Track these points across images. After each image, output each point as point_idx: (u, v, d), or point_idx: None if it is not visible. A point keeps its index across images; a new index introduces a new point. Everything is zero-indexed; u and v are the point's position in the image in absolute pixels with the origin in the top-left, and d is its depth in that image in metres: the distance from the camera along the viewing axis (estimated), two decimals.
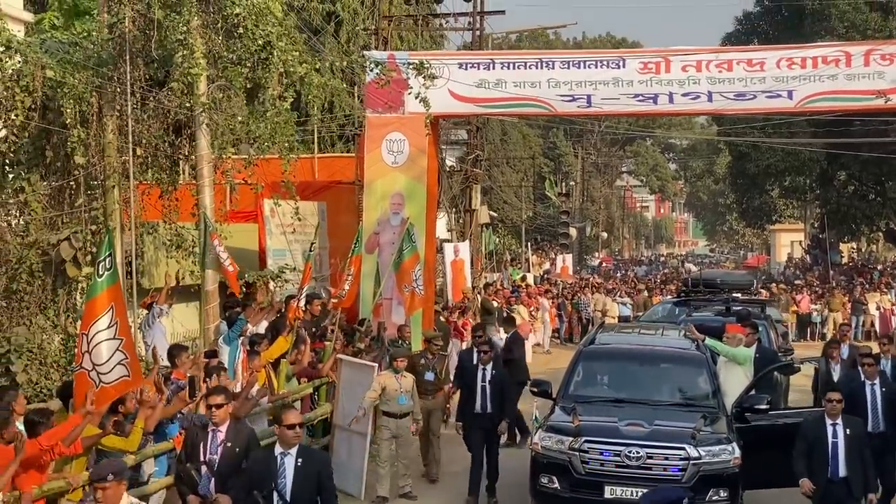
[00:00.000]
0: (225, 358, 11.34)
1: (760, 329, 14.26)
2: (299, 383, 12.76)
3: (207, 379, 10.11)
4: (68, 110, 11.04)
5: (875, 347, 13.94)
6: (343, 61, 16.15)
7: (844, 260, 49.47)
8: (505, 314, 25.34)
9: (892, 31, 35.30)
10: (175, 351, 10.94)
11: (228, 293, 12.93)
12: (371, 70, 16.06)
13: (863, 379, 11.01)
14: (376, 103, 17.32)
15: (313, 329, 13.52)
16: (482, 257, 30.24)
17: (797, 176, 44.35)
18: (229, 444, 8.11)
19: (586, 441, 10.22)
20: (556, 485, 10.31)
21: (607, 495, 10.04)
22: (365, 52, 17.94)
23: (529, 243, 45.95)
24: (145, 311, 12.60)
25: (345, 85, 15.85)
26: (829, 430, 9.60)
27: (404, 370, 12.36)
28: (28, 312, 12.15)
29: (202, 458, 8.10)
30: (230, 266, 11.81)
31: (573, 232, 50.72)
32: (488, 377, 12.06)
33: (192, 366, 10.44)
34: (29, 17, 17.46)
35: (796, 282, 40.25)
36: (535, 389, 11.85)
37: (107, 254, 8.12)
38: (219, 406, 8.15)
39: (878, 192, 43.16)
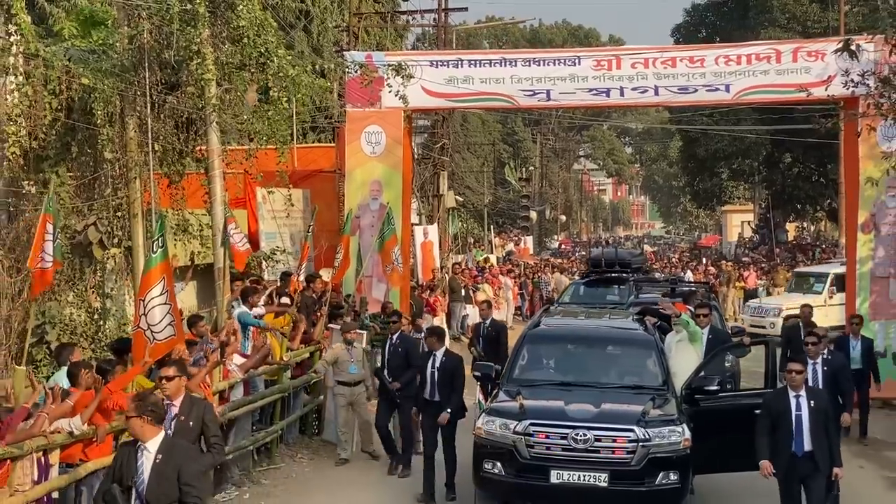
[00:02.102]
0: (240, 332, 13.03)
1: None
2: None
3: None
4: (99, 112, 12.68)
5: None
6: (331, 63, 17.78)
7: (790, 238, 51.88)
8: (472, 291, 27.36)
9: (830, 22, 37.51)
10: (193, 320, 12.65)
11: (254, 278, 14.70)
12: (354, 70, 17.76)
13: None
14: (356, 99, 19.06)
15: (315, 305, 15.21)
16: (449, 239, 32.07)
17: (744, 159, 46.73)
18: (183, 419, 7.98)
19: (531, 424, 9.87)
20: (500, 470, 9.94)
21: (553, 480, 9.70)
22: (346, 53, 19.64)
23: (492, 226, 47.91)
24: None
25: (329, 83, 17.42)
26: (793, 402, 9.24)
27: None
28: (59, 289, 13.78)
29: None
30: (243, 247, 13.52)
31: (533, 215, 52.74)
32: (437, 363, 11.77)
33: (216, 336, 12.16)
34: None
35: (744, 259, 42.55)
36: (478, 374, 11.68)
37: (159, 235, 9.83)
38: (169, 378, 8.08)
39: (821, 174, 45.48)
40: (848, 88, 16.50)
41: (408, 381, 12.66)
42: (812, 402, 9.25)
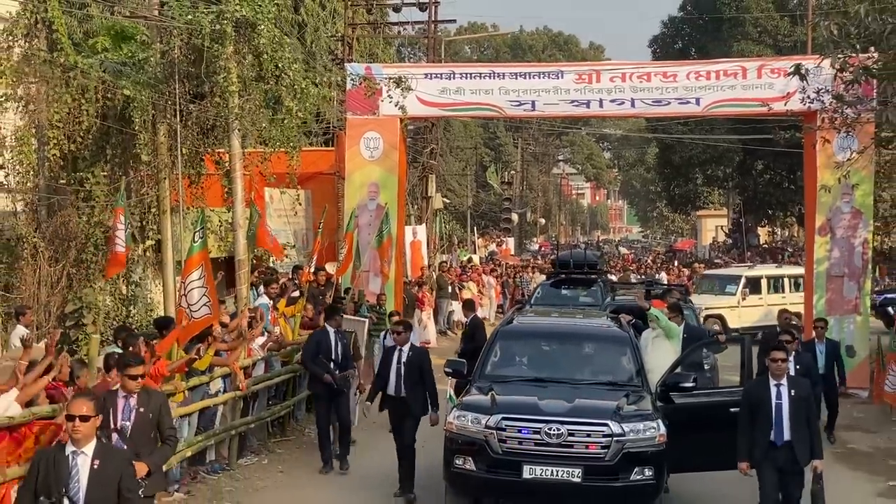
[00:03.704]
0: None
1: (687, 313, 14.38)
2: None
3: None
4: (137, 119, 14.23)
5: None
6: (337, 76, 19.37)
7: (761, 242, 53.81)
8: (458, 289, 28.99)
9: (799, 37, 39.41)
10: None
11: (263, 268, 16.27)
12: (356, 82, 19.35)
13: None
14: (356, 107, 20.65)
15: (319, 295, 16.77)
16: (436, 239, 33.69)
17: (717, 166, 48.56)
18: (142, 410, 7.93)
19: (503, 419, 9.71)
20: (472, 466, 9.76)
21: (526, 475, 9.53)
22: (347, 66, 21.23)
23: (475, 227, 49.57)
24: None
25: (330, 93, 19.01)
26: (773, 391, 9.12)
27: None
28: (93, 277, 15.30)
29: (113, 425, 7.85)
30: (271, 242, 15.09)
31: (515, 217, 54.43)
32: (404, 358, 11.60)
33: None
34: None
35: (716, 261, 44.37)
36: (449, 370, 11.56)
37: (199, 227, 11.39)
38: (137, 377, 8.01)
39: (791, 181, 47.28)
40: (805, 104, 18.21)
41: (349, 376, 12.96)
42: (793, 391, 9.11)
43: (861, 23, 13.39)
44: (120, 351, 10.84)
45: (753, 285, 27.08)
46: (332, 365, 12.67)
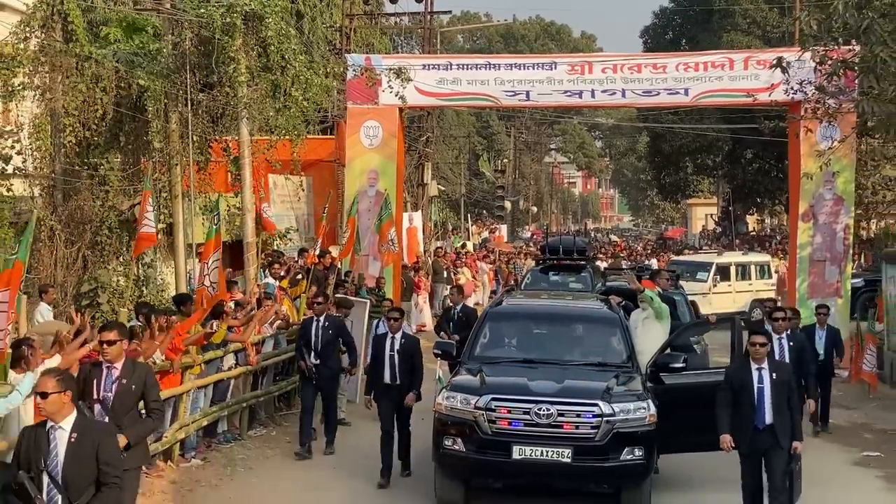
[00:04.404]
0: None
1: (678, 299, 14.64)
2: None
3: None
4: (151, 108, 14.92)
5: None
6: (339, 66, 20.05)
7: (750, 230, 54.67)
8: (453, 274, 29.74)
9: (787, 27, 40.11)
10: (229, 285, 14.92)
11: (270, 251, 17.05)
12: (357, 72, 20.06)
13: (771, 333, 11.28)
14: (356, 97, 21.34)
15: (324, 277, 17.47)
16: (431, 225, 34.45)
17: (707, 155, 49.34)
18: (125, 381, 7.82)
19: (493, 399, 9.69)
20: (461, 447, 9.73)
21: (515, 456, 9.52)
22: (347, 56, 21.92)
23: (469, 215, 50.33)
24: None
25: (331, 83, 19.70)
26: (755, 375, 9.11)
27: None
28: (107, 259, 16.02)
29: (96, 396, 7.75)
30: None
31: (508, 205, 55.20)
32: (397, 346, 11.51)
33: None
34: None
35: (704, 247, 45.23)
36: (438, 351, 11.66)
37: (215, 213, 12.16)
38: (110, 343, 7.83)
39: (779, 169, 47.97)
40: (789, 95, 18.96)
41: (337, 362, 12.90)
42: (774, 374, 9.14)
43: (840, 18, 14.10)
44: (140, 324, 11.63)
45: (723, 272, 27.92)
46: (312, 354, 12.65)
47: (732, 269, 28.28)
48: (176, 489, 11.09)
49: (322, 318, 12.64)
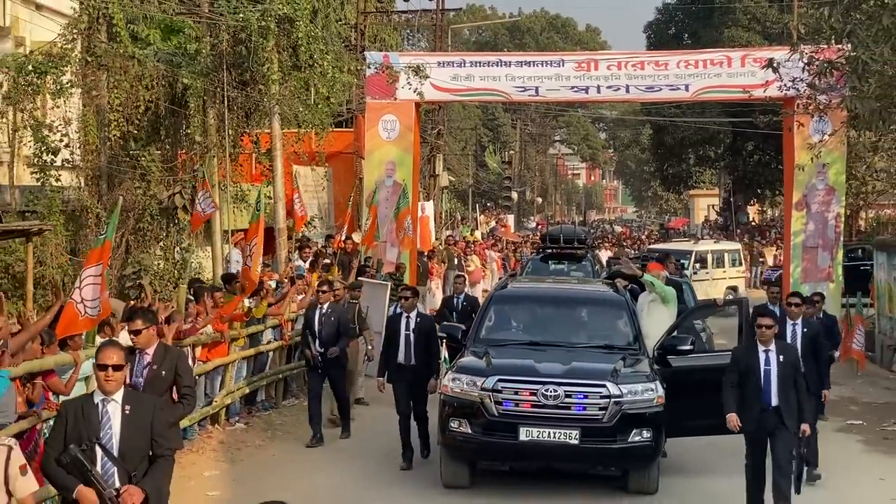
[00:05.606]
0: None
1: (684, 286, 14.81)
2: None
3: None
4: (192, 104, 16.20)
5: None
6: (359, 64, 21.32)
7: (751, 220, 55.78)
8: (463, 261, 30.94)
9: (787, 24, 41.24)
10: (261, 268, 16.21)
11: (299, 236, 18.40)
12: (375, 69, 21.35)
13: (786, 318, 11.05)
14: (374, 92, 22.63)
15: (348, 262, 18.73)
16: (443, 215, 35.71)
17: (709, 146, 50.46)
18: (155, 367, 7.78)
19: (500, 380, 9.62)
20: (468, 429, 9.65)
21: (523, 437, 9.45)
22: (366, 54, 23.19)
23: (477, 205, 51.60)
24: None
25: (352, 79, 20.96)
26: (762, 357, 9.06)
27: None
28: (149, 244, 17.28)
29: (127, 382, 7.20)
30: (301, 212, 17.12)
31: (514, 196, 56.46)
32: (412, 325, 11.38)
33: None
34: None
35: (706, 237, 46.36)
36: (444, 334, 11.56)
37: (257, 201, 13.43)
38: (137, 332, 7.76)
39: (779, 161, 48.78)
40: (782, 91, 20.17)
41: (342, 350, 12.56)
42: (781, 356, 9.09)
43: (826, 21, 15.34)
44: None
45: (701, 260, 29.16)
46: (317, 342, 12.44)
47: (709, 257, 29.65)
48: (225, 448, 12.43)
49: (325, 306, 12.45)
